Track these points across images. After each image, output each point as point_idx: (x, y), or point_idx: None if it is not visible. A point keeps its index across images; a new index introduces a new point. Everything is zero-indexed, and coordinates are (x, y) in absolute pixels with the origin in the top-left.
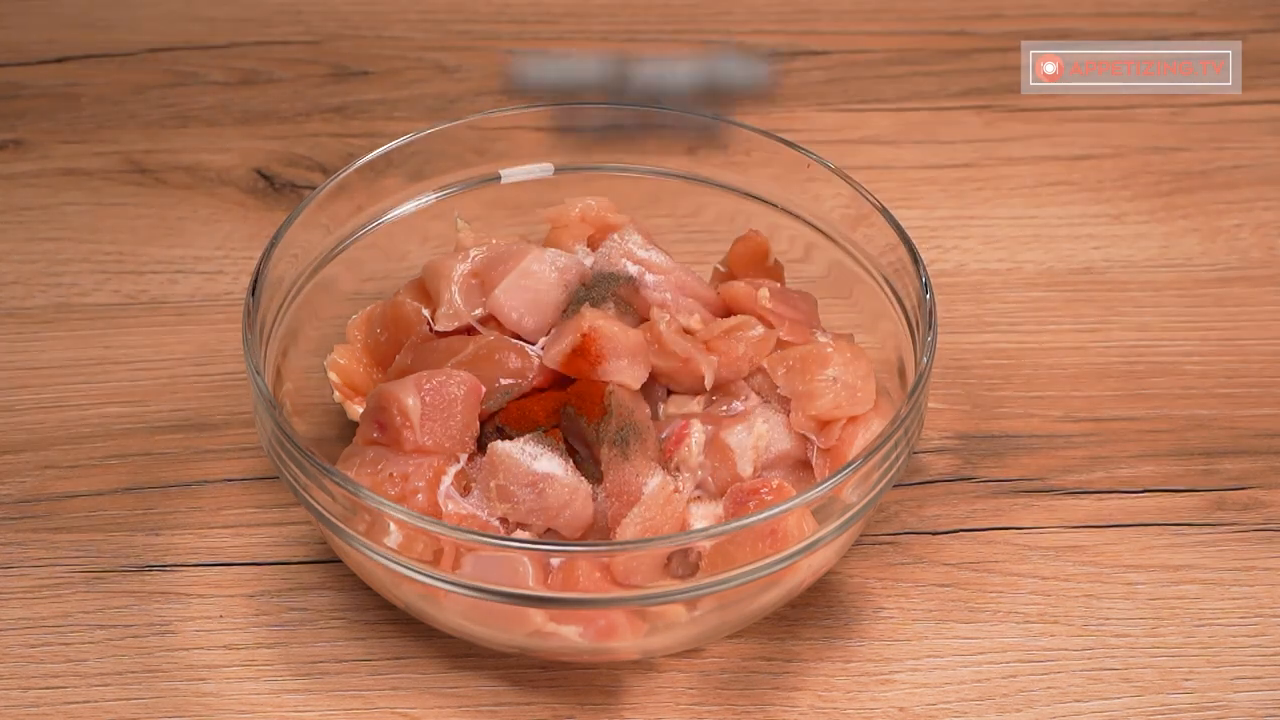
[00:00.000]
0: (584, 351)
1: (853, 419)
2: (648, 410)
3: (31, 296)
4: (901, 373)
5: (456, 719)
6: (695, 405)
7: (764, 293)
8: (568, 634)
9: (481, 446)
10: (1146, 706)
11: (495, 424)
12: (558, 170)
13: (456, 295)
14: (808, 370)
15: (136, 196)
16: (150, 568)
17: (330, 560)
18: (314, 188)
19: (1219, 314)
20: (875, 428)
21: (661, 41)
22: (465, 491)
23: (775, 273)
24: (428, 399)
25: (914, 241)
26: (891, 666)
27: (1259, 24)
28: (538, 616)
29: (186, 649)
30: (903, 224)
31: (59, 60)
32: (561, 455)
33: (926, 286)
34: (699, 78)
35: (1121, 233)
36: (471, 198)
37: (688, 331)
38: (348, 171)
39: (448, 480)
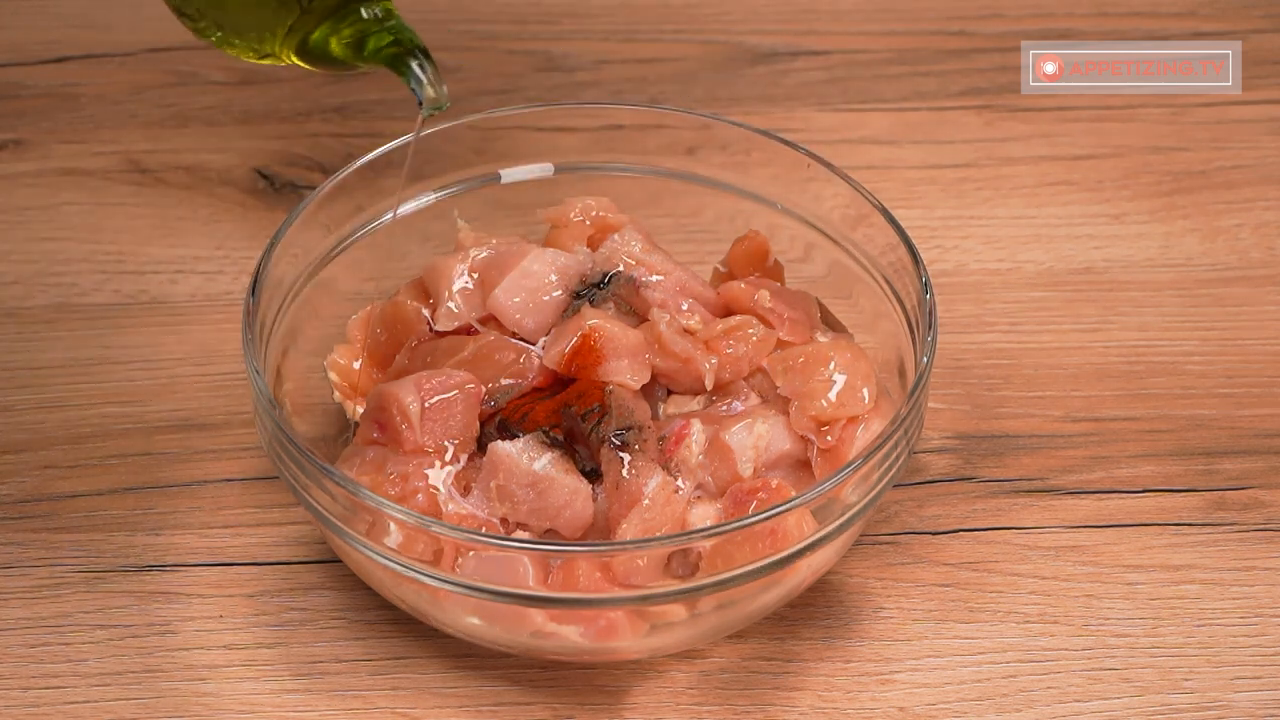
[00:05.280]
0: (584, 351)
1: (853, 419)
2: (648, 410)
3: (31, 296)
4: (901, 373)
5: (456, 719)
6: (695, 405)
7: (764, 293)
8: (568, 634)
9: (481, 446)
10: (1146, 706)
11: (495, 424)
12: (558, 170)
13: (456, 295)
14: (808, 370)
15: (136, 196)
16: (150, 568)
17: (330, 560)
18: (314, 188)
19: (1219, 314)
20: (875, 428)
21: (661, 42)
22: (465, 491)
23: (775, 273)
24: (428, 399)
25: (914, 241)
26: (891, 666)
27: (1259, 24)
28: (538, 616)
29: (186, 649)
30: (903, 224)
31: (59, 60)
32: (561, 455)
33: (926, 286)
34: None
35: (1121, 233)
36: (471, 198)
37: (688, 331)
38: (348, 171)
39: (448, 480)
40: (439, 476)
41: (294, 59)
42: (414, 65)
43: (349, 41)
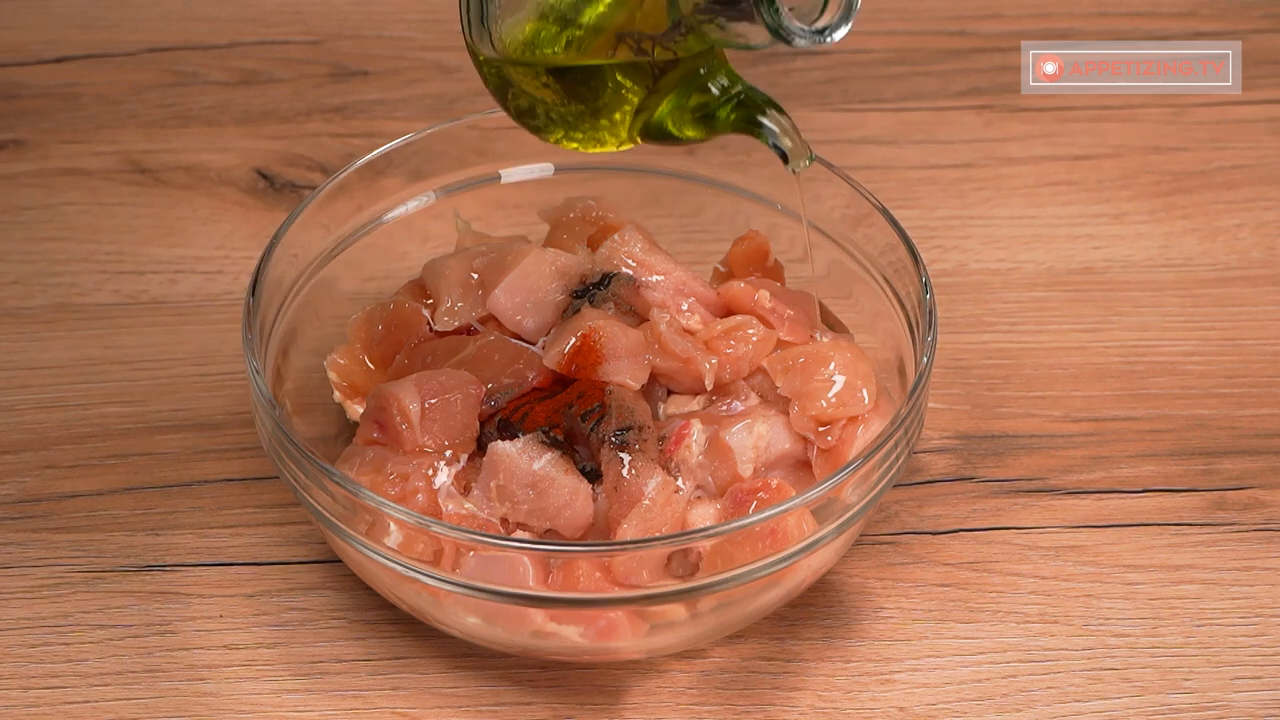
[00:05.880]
0: (584, 351)
1: (853, 419)
2: (648, 410)
3: (31, 296)
4: (901, 373)
5: (456, 719)
6: (695, 405)
7: (764, 293)
8: (568, 634)
9: (481, 446)
10: (1146, 706)
11: (495, 424)
12: (558, 170)
13: (456, 295)
14: (808, 370)
15: (136, 196)
16: (150, 568)
17: (330, 560)
18: (314, 188)
19: (1219, 314)
20: (875, 428)
21: None
22: (465, 491)
23: (775, 273)
24: (428, 399)
25: (914, 241)
26: (891, 666)
27: (1259, 24)
28: (538, 616)
29: (186, 649)
30: (903, 224)
31: (59, 60)
32: (561, 455)
33: (926, 286)
34: None
35: (1121, 233)
36: (471, 198)
37: (688, 331)
38: (348, 171)
39: (448, 480)
40: (439, 476)
41: (638, 140)
42: (767, 124)
43: (696, 116)
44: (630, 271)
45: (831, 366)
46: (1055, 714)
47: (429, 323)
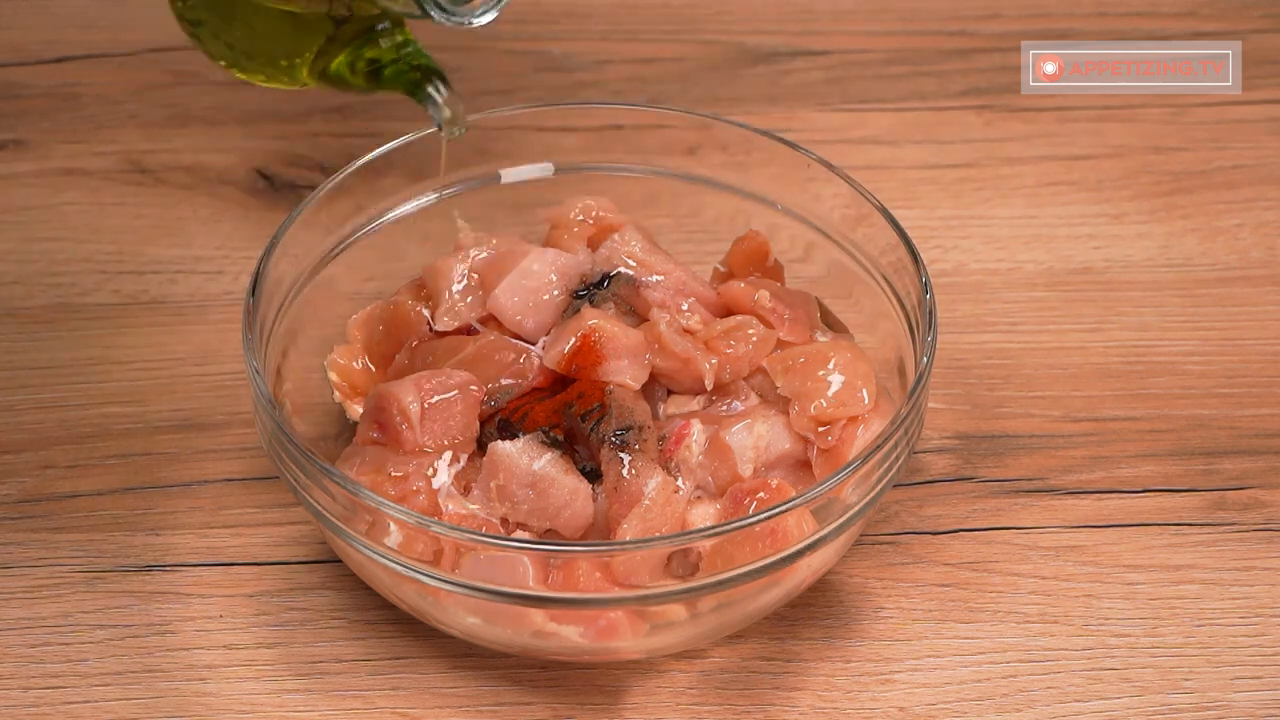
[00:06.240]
0: (584, 351)
1: (853, 419)
2: (648, 410)
3: (31, 296)
4: (901, 373)
5: (456, 719)
6: (695, 405)
7: (764, 293)
8: (568, 634)
9: (481, 446)
10: (1146, 706)
11: (495, 424)
12: (558, 170)
13: (456, 295)
14: (808, 370)
15: (136, 196)
16: (150, 568)
17: (330, 560)
18: (314, 188)
19: (1219, 314)
20: (875, 428)
21: (661, 42)
22: (465, 491)
23: (775, 273)
24: (428, 399)
25: (914, 241)
26: (891, 666)
27: (1259, 24)
28: (538, 616)
29: (186, 649)
30: (903, 224)
31: (59, 60)
32: (561, 455)
33: (926, 286)
34: None
35: (1121, 233)
36: (471, 198)
37: (688, 331)
38: (348, 171)
39: (448, 480)
40: (439, 476)
41: (312, 82)
42: (430, 90)
43: (367, 69)
44: (630, 271)
45: (831, 366)
46: (1055, 714)
47: (429, 323)
